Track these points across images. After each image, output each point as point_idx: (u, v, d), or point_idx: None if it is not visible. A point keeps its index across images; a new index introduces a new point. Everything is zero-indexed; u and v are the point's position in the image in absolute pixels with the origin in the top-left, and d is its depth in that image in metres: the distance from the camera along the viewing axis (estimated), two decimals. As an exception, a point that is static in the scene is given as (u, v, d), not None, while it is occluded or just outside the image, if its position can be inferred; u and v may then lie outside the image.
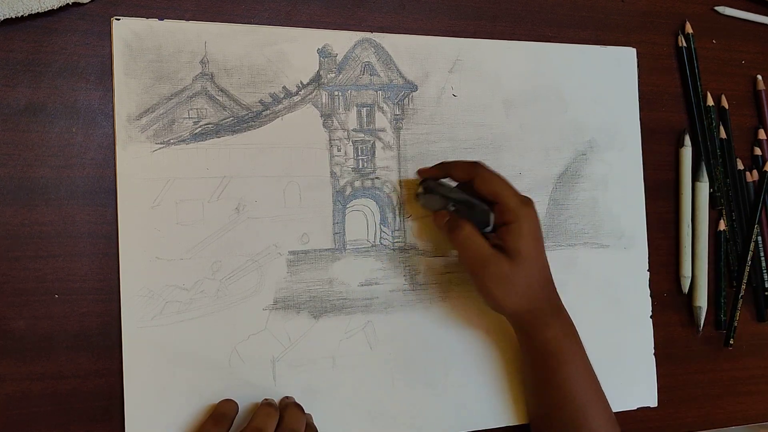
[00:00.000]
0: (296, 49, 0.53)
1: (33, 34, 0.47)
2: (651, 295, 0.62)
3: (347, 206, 0.54)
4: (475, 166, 0.51)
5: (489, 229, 0.50)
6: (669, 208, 0.64)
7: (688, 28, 0.65)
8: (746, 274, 0.64)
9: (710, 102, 0.65)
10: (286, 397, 0.50)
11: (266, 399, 0.49)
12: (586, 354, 0.52)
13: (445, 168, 0.52)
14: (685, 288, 0.63)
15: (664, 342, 0.62)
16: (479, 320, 0.56)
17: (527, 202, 0.50)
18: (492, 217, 0.50)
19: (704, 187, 0.64)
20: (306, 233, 0.52)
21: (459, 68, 0.57)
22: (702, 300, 0.63)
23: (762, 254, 0.66)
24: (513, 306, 0.50)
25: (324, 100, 0.53)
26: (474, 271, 0.50)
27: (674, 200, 0.64)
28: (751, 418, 0.66)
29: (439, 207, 0.52)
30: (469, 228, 0.50)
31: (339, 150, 0.54)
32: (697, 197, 0.64)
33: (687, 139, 0.64)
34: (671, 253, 0.64)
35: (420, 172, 0.54)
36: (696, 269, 0.63)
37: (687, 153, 0.64)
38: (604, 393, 0.52)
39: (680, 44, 0.65)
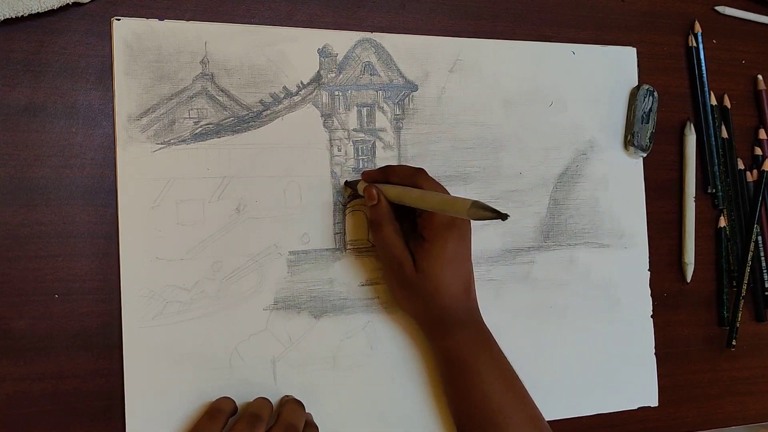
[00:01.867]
0: (296, 49, 0.53)
1: (33, 34, 0.47)
2: (651, 295, 0.62)
3: (348, 206, 0.54)
4: (415, 174, 0.49)
5: None
6: (670, 207, 0.64)
7: (697, 28, 0.65)
8: (746, 274, 0.64)
9: (713, 101, 0.65)
10: (286, 396, 0.50)
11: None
12: (499, 361, 0.50)
13: (387, 172, 0.51)
14: (688, 276, 0.63)
15: (664, 342, 0.62)
16: (480, 320, 0.56)
17: (450, 226, 0.48)
18: None
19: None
20: (306, 233, 0.52)
21: (459, 68, 0.57)
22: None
23: (762, 254, 0.66)
24: (413, 311, 0.51)
25: (324, 100, 0.53)
26: (386, 270, 0.51)
27: (676, 200, 0.64)
28: (751, 418, 0.66)
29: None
30: (389, 228, 0.49)
31: (339, 150, 0.54)
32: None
33: (691, 127, 0.64)
34: (672, 253, 0.64)
35: (364, 174, 0.52)
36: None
37: (691, 141, 0.64)
38: (525, 396, 0.50)
39: (690, 44, 0.65)
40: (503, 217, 0.38)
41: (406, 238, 0.50)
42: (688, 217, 0.63)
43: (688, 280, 0.63)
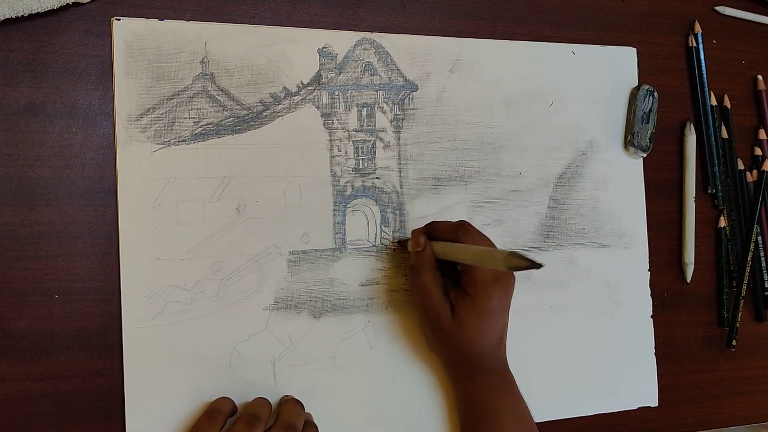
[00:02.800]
0: (297, 49, 0.53)
1: (33, 34, 0.47)
2: (651, 295, 0.62)
3: (348, 206, 0.54)
4: (459, 227, 0.50)
5: None
6: (670, 207, 0.64)
7: (698, 28, 0.65)
8: (746, 274, 0.64)
9: (713, 101, 0.65)
10: (286, 395, 0.50)
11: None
12: (519, 405, 0.51)
13: (432, 228, 0.52)
14: (688, 276, 0.63)
15: (664, 342, 0.62)
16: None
17: (496, 282, 0.49)
18: None
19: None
20: (306, 233, 0.52)
21: (459, 68, 0.57)
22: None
23: (762, 254, 0.66)
24: (444, 356, 0.52)
25: (324, 100, 0.53)
26: (419, 313, 0.52)
27: (676, 200, 0.64)
28: (751, 418, 0.66)
29: None
30: (429, 276, 0.50)
31: (339, 150, 0.54)
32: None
33: (691, 127, 0.64)
34: (672, 253, 0.64)
35: (414, 232, 0.53)
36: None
37: (691, 142, 0.64)
38: None
39: (691, 44, 0.65)
40: (537, 266, 0.39)
41: (446, 288, 0.51)
42: (688, 217, 0.63)
43: (688, 280, 0.63)
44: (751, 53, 0.68)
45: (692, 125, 0.64)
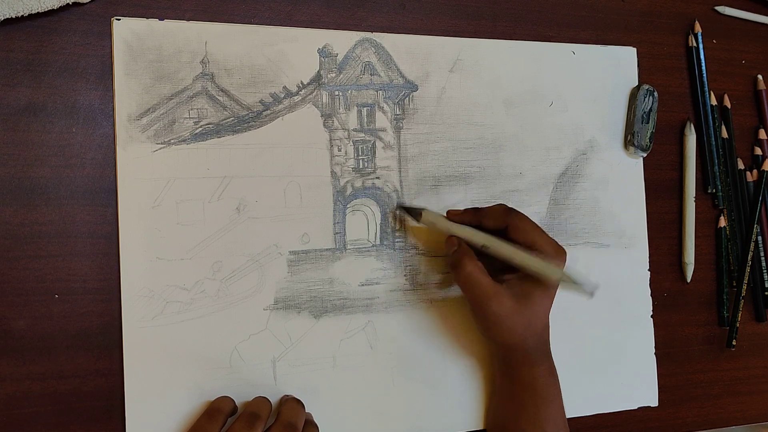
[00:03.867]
0: (297, 49, 0.53)
1: (33, 34, 0.47)
2: (651, 295, 0.62)
3: (348, 206, 0.54)
4: (509, 213, 0.51)
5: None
6: (670, 207, 0.64)
7: (697, 28, 0.65)
8: (746, 274, 0.64)
9: (713, 101, 0.65)
10: (286, 395, 0.50)
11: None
12: (561, 397, 0.53)
13: (477, 215, 0.52)
14: (688, 276, 0.63)
15: (664, 342, 0.62)
16: (480, 320, 0.56)
17: (561, 255, 0.50)
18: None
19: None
20: (306, 233, 0.52)
21: (459, 68, 0.57)
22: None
23: (762, 254, 0.66)
24: (507, 341, 0.51)
25: (324, 100, 0.53)
26: (474, 306, 0.51)
27: (676, 200, 0.64)
28: (751, 418, 0.66)
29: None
30: (471, 266, 0.49)
31: (339, 150, 0.54)
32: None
33: (691, 127, 0.64)
34: (672, 253, 0.64)
35: (449, 214, 0.53)
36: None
37: (691, 142, 0.64)
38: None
39: (690, 44, 0.65)
40: (589, 295, 0.44)
41: (493, 273, 0.50)
42: (688, 217, 0.63)
43: (688, 280, 0.63)
44: (751, 53, 0.68)
45: (692, 125, 0.64)
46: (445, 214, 0.53)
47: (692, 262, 0.63)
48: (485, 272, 0.49)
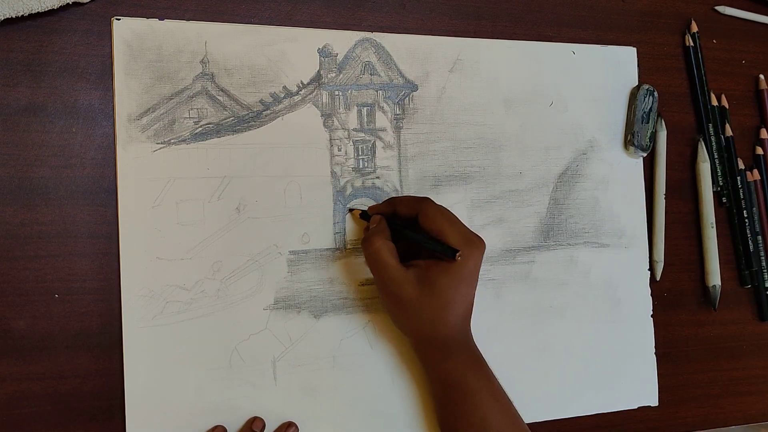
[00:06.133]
0: (297, 49, 0.53)
1: (33, 34, 0.47)
2: (651, 295, 0.62)
3: (348, 206, 0.54)
4: (421, 201, 0.50)
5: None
6: (670, 208, 0.64)
7: (694, 27, 0.65)
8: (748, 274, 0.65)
9: (713, 101, 0.65)
10: (282, 424, 0.50)
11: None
12: (495, 385, 0.49)
13: (392, 204, 0.51)
14: (658, 274, 0.62)
15: (664, 342, 0.62)
16: (479, 319, 0.56)
17: (470, 244, 0.48)
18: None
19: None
20: (306, 233, 0.52)
21: (459, 68, 0.57)
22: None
23: (762, 254, 0.66)
24: (414, 331, 0.49)
25: (324, 100, 0.53)
26: (379, 289, 0.50)
27: (676, 200, 0.64)
28: (751, 418, 0.66)
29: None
30: (380, 243, 0.47)
31: (339, 150, 0.54)
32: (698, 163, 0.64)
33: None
34: (672, 253, 0.64)
35: (370, 209, 0.53)
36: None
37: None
38: (517, 417, 0.50)
39: (687, 44, 0.65)
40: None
41: (406, 258, 0.49)
42: (657, 215, 0.62)
43: (658, 279, 0.62)
44: (751, 53, 0.68)
45: (663, 121, 0.63)
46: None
47: (662, 260, 0.62)
48: (394, 254, 0.48)
